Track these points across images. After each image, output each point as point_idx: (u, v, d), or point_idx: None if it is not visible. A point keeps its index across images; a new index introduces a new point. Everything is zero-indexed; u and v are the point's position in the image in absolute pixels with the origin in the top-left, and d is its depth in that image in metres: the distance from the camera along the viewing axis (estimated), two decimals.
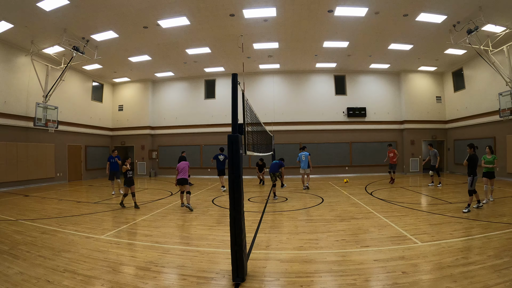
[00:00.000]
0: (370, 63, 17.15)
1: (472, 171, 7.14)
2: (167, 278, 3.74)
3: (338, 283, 3.51)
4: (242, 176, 3.82)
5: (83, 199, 10.13)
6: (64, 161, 16.02)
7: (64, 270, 3.91)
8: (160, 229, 6.12)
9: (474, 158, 7.19)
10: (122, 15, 10.80)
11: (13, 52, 13.01)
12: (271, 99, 18.51)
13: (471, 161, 7.19)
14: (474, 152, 7.28)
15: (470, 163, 7.19)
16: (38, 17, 10.48)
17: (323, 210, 7.86)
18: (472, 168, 7.16)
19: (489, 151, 8.00)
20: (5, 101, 12.73)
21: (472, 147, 7.34)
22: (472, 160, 7.19)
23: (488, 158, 7.89)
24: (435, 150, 12.10)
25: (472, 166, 7.16)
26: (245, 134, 4.71)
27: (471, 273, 3.56)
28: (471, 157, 7.21)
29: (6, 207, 8.57)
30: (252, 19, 11.37)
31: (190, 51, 14.69)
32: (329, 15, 11.12)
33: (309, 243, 5.03)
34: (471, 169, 7.17)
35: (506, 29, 11.40)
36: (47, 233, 5.74)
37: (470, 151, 7.31)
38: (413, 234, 5.33)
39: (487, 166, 7.83)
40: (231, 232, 3.64)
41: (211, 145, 18.22)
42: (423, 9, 10.64)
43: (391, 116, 18.53)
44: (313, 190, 11.69)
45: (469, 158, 7.24)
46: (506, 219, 6.15)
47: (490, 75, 14.13)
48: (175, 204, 9.14)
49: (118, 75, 18.66)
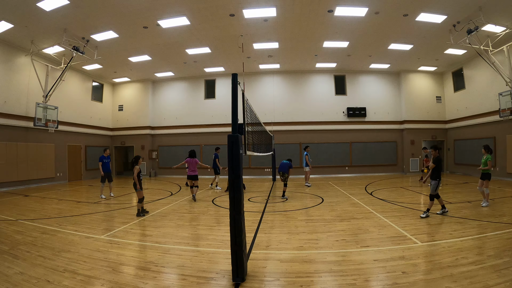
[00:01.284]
0: (370, 63, 17.15)
1: (437, 174, 6.75)
2: (167, 278, 3.74)
3: (338, 283, 3.51)
4: (242, 176, 3.83)
5: (83, 199, 10.13)
6: (64, 161, 16.02)
7: (64, 270, 3.91)
8: (160, 229, 6.12)
9: (440, 161, 6.85)
10: (122, 15, 10.80)
11: (13, 52, 13.01)
12: (271, 99, 18.51)
13: (439, 164, 6.78)
14: (439, 154, 6.93)
15: (438, 166, 6.77)
16: (38, 17, 10.48)
17: (323, 210, 7.86)
18: (438, 171, 6.76)
19: (484, 151, 7.78)
20: (5, 101, 12.73)
21: (436, 149, 6.96)
22: (439, 163, 6.80)
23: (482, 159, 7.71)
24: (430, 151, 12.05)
25: (438, 169, 6.77)
26: (245, 134, 4.71)
27: (471, 273, 3.56)
28: (437, 160, 6.81)
29: (6, 207, 8.57)
30: (252, 19, 11.37)
31: (190, 51, 14.69)
32: (329, 15, 11.12)
33: (309, 243, 5.03)
34: (437, 172, 6.75)
35: (506, 29, 11.41)
36: (47, 233, 5.74)
37: (435, 153, 6.91)
38: (413, 234, 5.33)
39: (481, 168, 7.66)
40: (231, 232, 3.64)
41: (211, 145, 18.20)
42: (423, 9, 10.64)
43: (391, 116, 18.53)
44: (313, 190, 11.69)
45: (435, 161, 6.80)
46: (506, 219, 6.15)
47: (490, 75, 14.13)
48: (175, 204, 9.14)
49: (118, 75, 18.66)
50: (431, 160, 6.96)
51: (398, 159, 18.38)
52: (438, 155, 6.88)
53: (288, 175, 10.18)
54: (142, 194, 7.45)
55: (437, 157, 6.84)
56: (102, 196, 10.26)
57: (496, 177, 13.96)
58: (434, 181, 6.76)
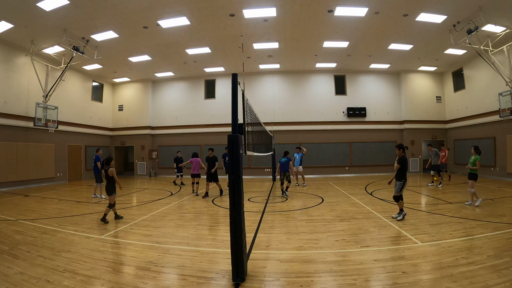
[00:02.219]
0: (370, 63, 17.15)
1: (403, 175, 6.45)
2: (167, 278, 3.74)
3: (338, 283, 3.51)
4: (242, 176, 3.83)
5: (83, 199, 10.12)
6: (64, 161, 16.02)
7: (64, 270, 3.91)
8: (160, 229, 6.12)
9: (405, 161, 6.51)
10: (122, 15, 10.80)
11: (13, 52, 13.01)
12: (271, 99, 18.51)
13: (404, 164, 6.46)
14: (404, 154, 6.57)
15: (402, 166, 6.44)
16: (38, 17, 10.48)
17: (323, 210, 7.86)
18: (403, 171, 6.46)
19: (473, 152, 7.85)
20: (5, 101, 12.73)
21: (401, 148, 6.56)
22: (404, 163, 6.48)
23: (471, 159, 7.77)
24: (435, 149, 12.05)
25: (403, 170, 6.46)
26: (245, 134, 4.71)
27: (471, 273, 3.55)
28: (402, 159, 6.48)
29: (6, 207, 8.56)
30: (252, 19, 11.37)
31: (190, 51, 14.69)
32: (329, 15, 11.12)
33: (309, 243, 5.02)
34: (402, 173, 6.46)
35: (506, 29, 11.41)
36: (47, 233, 5.74)
37: (399, 152, 6.56)
38: (413, 234, 5.33)
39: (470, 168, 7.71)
40: (231, 232, 3.64)
41: (211, 145, 18.22)
42: (423, 9, 10.64)
43: (391, 116, 18.53)
44: (313, 190, 11.69)
45: (400, 161, 6.47)
46: (506, 219, 6.15)
47: (490, 75, 14.13)
48: (175, 204, 9.14)
49: (118, 75, 18.67)
50: (396, 160, 6.57)
51: None
52: (403, 155, 6.53)
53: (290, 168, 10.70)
54: (115, 199, 6.80)
55: (402, 156, 6.50)
56: (102, 196, 10.22)
57: (496, 177, 13.97)
58: (399, 182, 6.47)
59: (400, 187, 6.45)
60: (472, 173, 7.73)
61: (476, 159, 7.68)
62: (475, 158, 7.69)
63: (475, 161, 7.65)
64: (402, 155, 6.52)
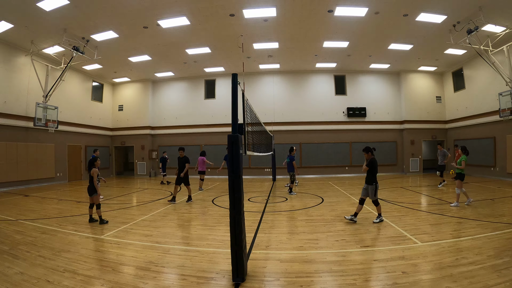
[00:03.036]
0: (370, 63, 17.16)
1: (373, 178, 6.29)
2: (167, 278, 3.74)
3: (338, 283, 3.51)
4: (242, 176, 3.83)
5: (83, 199, 10.11)
6: (64, 161, 16.02)
7: (64, 270, 3.91)
8: (160, 229, 6.12)
9: (375, 163, 6.34)
10: (122, 15, 10.80)
11: (13, 52, 13.01)
12: (271, 99, 18.51)
13: (373, 167, 6.30)
14: (373, 156, 6.39)
15: (372, 169, 6.30)
16: (38, 17, 10.48)
17: (323, 210, 7.86)
18: (372, 174, 6.30)
19: (460, 152, 7.90)
20: (5, 101, 12.73)
21: (369, 151, 6.37)
22: (374, 165, 6.30)
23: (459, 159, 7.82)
24: (444, 150, 12.05)
25: (372, 173, 6.29)
26: (245, 134, 4.71)
27: (471, 273, 3.55)
28: (371, 162, 6.30)
29: (6, 207, 8.56)
30: (252, 19, 11.37)
31: (190, 51, 14.69)
32: (329, 15, 11.12)
33: (309, 243, 5.02)
34: (371, 176, 6.28)
35: (506, 29, 11.41)
36: (47, 233, 5.74)
37: (368, 155, 6.36)
38: (413, 234, 5.33)
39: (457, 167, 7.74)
40: (231, 232, 3.64)
41: (211, 145, 18.25)
42: (423, 9, 10.65)
43: (391, 116, 18.54)
44: (313, 190, 11.69)
45: (369, 163, 6.30)
46: (506, 219, 6.14)
47: (490, 75, 14.13)
48: (175, 204, 9.14)
49: (118, 75, 18.67)
50: (365, 163, 6.40)
51: (398, 159, 18.38)
52: (373, 157, 6.36)
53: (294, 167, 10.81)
54: (98, 199, 6.66)
55: (371, 159, 6.31)
56: (101, 197, 10.17)
57: (496, 177, 13.97)
58: (371, 186, 6.25)
59: (374, 191, 6.25)
60: (459, 173, 7.76)
61: (462, 158, 7.72)
62: (462, 158, 7.74)
63: (461, 160, 7.70)
64: (371, 157, 6.36)
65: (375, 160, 6.36)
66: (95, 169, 6.66)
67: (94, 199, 6.61)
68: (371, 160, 6.33)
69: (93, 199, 6.62)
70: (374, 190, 6.27)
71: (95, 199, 6.61)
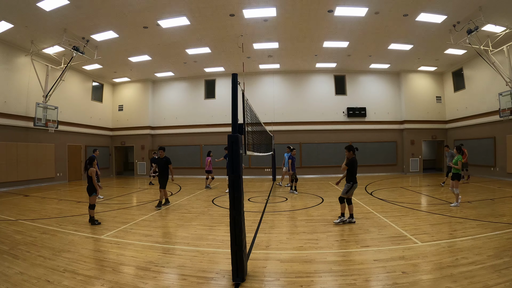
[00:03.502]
0: (370, 63, 17.15)
1: (351, 177, 6.24)
2: (167, 278, 3.74)
3: (338, 283, 3.51)
4: (242, 176, 3.83)
5: (83, 199, 10.11)
6: (64, 161, 16.02)
7: (64, 270, 3.91)
8: (160, 229, 6.12)
9: (354, 162, 6.28)
10: (122, 15, 10.80)
11: (13, 52, 13.00)
12: (271, 99, 18.51)
13: (352, 166, 6.25)
14: (354, 155, 6.32)
15: (351, 168, 6.24)
16: (38, 17, 10.48)
17: (323, 210, 7.86)
18: (351, 174, 6.25)
19: (455, 152, 7.96)
20: (5, 101, 12.72)
21: (350, 150, 6.32)
22: (352, 165, 6.25)
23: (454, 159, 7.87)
24: (451, 151, 12.03)
25: (352, 172, 6.25)
26: (245, 134, 4.71)
27: (471, 273, 3.55)
28: (351, 161, 6.25)
29: (6, 207, 8.57)
30: (252, 19, 11.37)
31: (190, 51, 14.69)
32: (329, 15, 11.12)
33: (309, 243, 5.02)
34: (350, 175, 6.24)
35: (506, 29, 11.40)
36: (47, 233, 5.74)
37: (349, 154, 6.29)
38: (413, 234, 5.33)
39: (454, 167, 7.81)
40: (231, 232, 3.64)
41: (211, 145, 18.24)
42: (423, 9, 10.64)
43: (391, 116, 18.53)
44: (313, 190, 11.69)
45: (349, 162, 6.24)
46: (506, 219, 6.15)
47: (490, 75, 14.13)
48: (175, 204, 9.14)
49: (118, 75, 18.67)
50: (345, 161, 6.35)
51: (398, 159, 18.38)
52: (353, 157, 6.30)
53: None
54: (96, 200, 6.70)
55: (351, 158, 6.26)
56: (100, 197, 10.16)
57: (496, 177, 13.97)
58: (347, 184, 6.28)
59: (347, 189, 6.24)
60: (455, 173, 7.81)
61: (458, 158, 7.77)
62: (457, 158, 7.78)
63: (457, 160, 7.74)
64: (351, 157, 6.30)
65: (355, 160, 6.31)
66: (92, 169, 6.62)
67: (92, 199, 6.57)
68: (351, 159, 6.27)
69: (90, 199, 6.58)
70: (348, 188, 6.25)
71: (92, 199, 6.56)
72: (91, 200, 6.56)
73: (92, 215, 6.54)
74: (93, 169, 6.63)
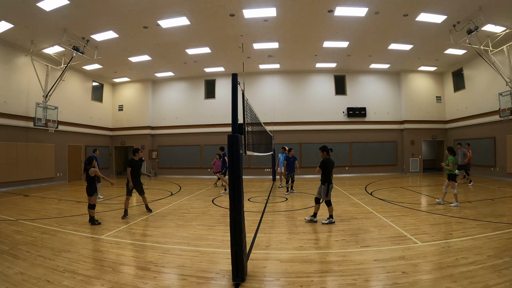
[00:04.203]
0: (370, 63, 17.15)
1: (325, 178, 6.21)
2: (167, 278, 3.74)
3: (338, 283, 3.51)
4: (242, 176, 3.83)
5: (83, 199, 10.10)
6: (64, 161, 16.02)
7: (64, 270, 3.91)
8: (160, 229, 6.12)
9: (328, 163, 6.24)
10: (122, 15, 10.80)
11: (13, 52, 13.00)
12: (271, 99, 18.51)
13: (325, 167, 6.20)
14: (328, 156, 6.31)
15: (324, 170, 6.20)
16: (38, 17, 10.48)
17: (323, 210, 7.85)
18: (325, 175, 6.22)
19: (447, 153, 8.04)
20: (5, 101, 12.72)
21: (324, 150, 6.25)
22: (325, 166, 6.20)
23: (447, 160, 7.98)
24: (464, 149, 12.03)
25: (325, 173, 6.21)
26: (245, 134, 4.71)
27: (471, 273, 3.55)
28: (323, 163, 6.22)
29: (6, 207, 8.56)
30: (252, 19, 11.37)
31: (190, 51, 14.68)
32: (329, 15, 11.12)
33: (309, 243, 5.03)
34: (324, 176, 6.22)
35: (506, 29, 11.41)
36: (47, 233, 5.74)
37: (323, 154, 6.26)
38: (413, 234, 5.33)
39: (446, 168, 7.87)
40: (231, 232, 3.64)
41: (211, 145, 18.25)
42: (423, 9, 10.64)
43: (391, 116, 18.53)
44: (313, 190, 11.68)
45: (322, 164, 6.19)
46: (506, 219, 6.15)
47: (490, 75, 14.13)
48: (175, 204, 9.15)
49: (118, 75, 18.67)
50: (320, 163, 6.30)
51: (398, 159, 18.38)
52: (327, 157, 6.26)
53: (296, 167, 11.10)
54: (96, 200, 6.61)
55: (324, 159, 6.23)
56: (100, 197, 10.15)
57: (496, 177, 13.97)
58: (323, 186, 6.23)
59: (325, 191, 6.21)
60: (450, 174, 7.87)
61: (450, 159, 7.83)
62: (449, 159, 7.84)
63: (449, 161, 7.81)
64: (325, 157, 6.26)
65: (328, 161, 6.28)
66: (93, 169, 6.59)
67: (91, 199, 6.51)
68: (324, 160, 6.27)
69: (90, 199, 6.53)
70: (325, 190, 6.24)
71: (92, 199, 6.51)
72: (91, 200, 6.52)
73: (92, 215, 6.52)
74: (93, 169, 6.62)
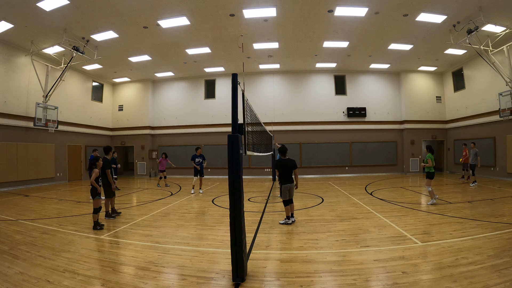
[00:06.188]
0: (370, 63, 17.15)
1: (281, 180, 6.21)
2: (167, 278, 3.74)
3: (338, 283, 3.51)
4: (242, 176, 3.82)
5: (83, 199, 10.11)
6: (64, 161, 16.02)
7: (64, 270, 3.91)
8: (160, 229, 6.12)
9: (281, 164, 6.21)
10: (122, 15, 10.80)
11: (13, 52, 13.00)
12: (271, 99, 18.51)
13: (279, 168, 6.19)
14: (284, 157, 6.31)
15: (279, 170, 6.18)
16: (38, 17, 10.48)
17: (323, 210, 7.86)
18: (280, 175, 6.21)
19: (426, 151, 8.15)
20: (5, 101, 12.73)
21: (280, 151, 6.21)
22: (279, 166, 6.19)
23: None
24: (476, 150, 12.03)
25: (280, 173, 6.19)
26: (245, 134, 4.71)
27: (471, 273, 3.55)
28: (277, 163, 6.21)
29: (6, 207, 8.56)
30: (252, 19, 11.37)
31: (190, 51, 14.69)
32: (329, 15, 11.12)
33: (309, 243, 5.02)
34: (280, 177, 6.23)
35: (506, 29, 11.41)
36: (47, 233, 5.74)
37: (281, 155, 6.29)
38: (413, 234, 5.33)
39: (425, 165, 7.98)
40: (231, 232, 3.64)
41: (211, 145, 18.26)
42: (423, 9, 10.64)
43: (391, 116, 18.54)
44: (313, 190, 11.69)
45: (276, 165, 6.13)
46: (506, 219, 6.14)
47: (490, 75, 14.13)
48: (175, 204, 9.15)
49: (118, 75, 18.67)
50: None
51: (398, 159, 18.38)
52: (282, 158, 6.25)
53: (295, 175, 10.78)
54: (100, 203, 6.19)
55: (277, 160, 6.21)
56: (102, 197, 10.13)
57: (496, 177, 13.97)
58: (284, 186, 6.23)
59: (280, 192, 6.19)
60: (427, 172, 8.00)
61: (428, 157, 7.93)
62: (428, 156, 7.95)
63: (427, 159, 7.91)
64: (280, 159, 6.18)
65: (281, 161, 6.28)
66: (96, 170, 6.26)
67: (94, 202, 6.14)
68: (277, 161, 6.26)
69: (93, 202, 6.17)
70: (284, 190, 6.24)
71: (95, 203, 6.13)
72: (95, 204, 6.11)
73: (95, 220, 6.08)
74: (96, 170, 6.23)
